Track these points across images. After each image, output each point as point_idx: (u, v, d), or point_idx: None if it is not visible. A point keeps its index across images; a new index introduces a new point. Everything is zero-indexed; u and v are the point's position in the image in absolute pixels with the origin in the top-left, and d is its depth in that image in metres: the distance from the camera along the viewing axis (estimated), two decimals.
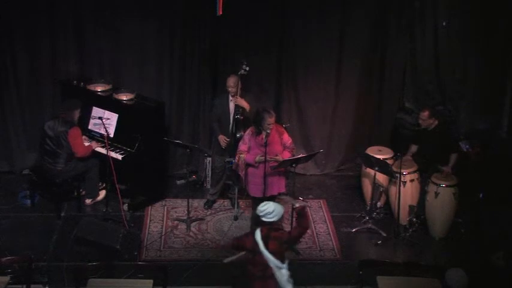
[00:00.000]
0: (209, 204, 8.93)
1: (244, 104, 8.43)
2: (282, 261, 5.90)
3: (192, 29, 9.18)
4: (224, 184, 8.92)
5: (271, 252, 5.85)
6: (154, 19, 9.15)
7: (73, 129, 8.35)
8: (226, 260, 6.27)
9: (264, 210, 5.95)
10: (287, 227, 8.32)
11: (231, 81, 8.40)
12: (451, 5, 9.39)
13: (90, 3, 9.07)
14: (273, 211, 5.94)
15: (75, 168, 8.48)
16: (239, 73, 8.37)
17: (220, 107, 8.59)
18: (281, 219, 6.11)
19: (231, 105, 8.50)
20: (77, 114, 8.46)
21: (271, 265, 5.86)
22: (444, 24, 9.43)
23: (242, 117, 8.44)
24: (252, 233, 5.98)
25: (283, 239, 5.95)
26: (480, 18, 9.26)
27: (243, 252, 6.11)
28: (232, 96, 8.47)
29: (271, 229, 5.95)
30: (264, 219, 5.96)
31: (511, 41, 9.29)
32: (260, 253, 5.86)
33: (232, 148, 8.33)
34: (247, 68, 8.35)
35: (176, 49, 9.29)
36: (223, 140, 8.50)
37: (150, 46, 9.27)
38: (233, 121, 8.46)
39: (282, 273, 5.91)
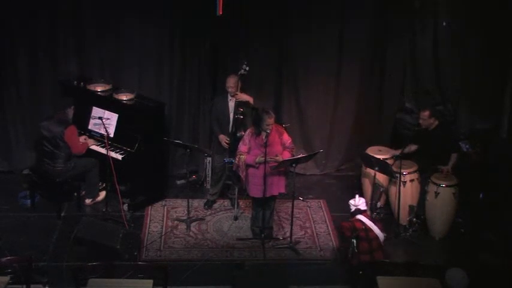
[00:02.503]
0: (209, 204, 8.93)
1: (246, 97, 8.44)
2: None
3: (192, 29, 9.18)
4: (224, 184, 8.92)
5: (380, 228, 7.60)
6: (155, 19, 9.15)
7: (69, 128, 8.34)
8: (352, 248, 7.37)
9: (358, 202, 7.67)
10: (287, 227, 8.35)
11: (231, 81, 8.40)
12: (451, 5, 9.39)
13: (90, 3, 9.07)
14: (362, 200, 7.71)
15: (75, 168, 8.48)
16: (239, 73, 8.37)
17: (219, 107, 8.59)
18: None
19: (230, 105, 8.51)
20: (70, 112, 8.46)
21: (381, 239, 7.56)
22: (444, 24, 9.43)
23: (242, 117, 8.44)
24: (356, 219, 7.54)
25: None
26: (480, 18, 9.26)
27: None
28: (231, 96, 8.47)
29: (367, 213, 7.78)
30: (362, 208, 7.65)
31: (511, 41, 9.29)
32: (370, 229, 7.46)
33: (232, 148, 8.33)
34: (247, 68, 8.35)
35: (176, 49, 9.30)
36: (224, 139, 8.50)
37: (150, 46, 9.28)
38: (233, 121, 8.47)
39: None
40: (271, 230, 8.26)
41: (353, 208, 7.70)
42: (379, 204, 8.76)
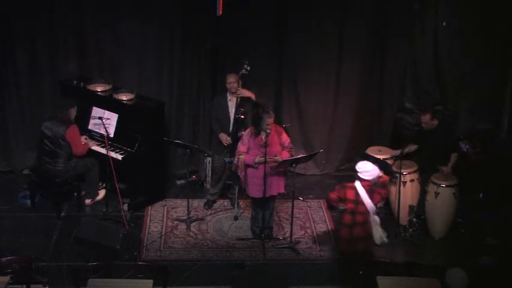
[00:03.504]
0: (209, 204, 8.93)
1: (248, 93, 8.46)
2: (377, 210, 7.15)
3: (192, 29, 9.19)
4: (224, 184, 8.92)
5: (374, 202, 6.94)
6: (155, 19, 9.15)
7: (71, 128, 8.35)
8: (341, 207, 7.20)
9: (362, 167, 6.98)
10: (287, 227, 8.35)
11: (232, 78, 8.41)
12: (451, 5, 9.40)
13: (90, 3, 9.07)
14: (370, 170, 6.96)
15: (75, 168, 8.48)
16: (240, 73, 8.37)
17: (218, 106, 8.60)
18: (376, 180, 7.06)
19: (230, 105, 8.52)
20: (73, 112, 8.46)
21: (371, 212, 6.96)
22: (444, 24, 9.43)
23: (243, 117, 8.44)
24: (352, 187, 6.98)
25: (382, 195, 7.10)
26: (480, 19, 9.27)
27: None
28: (232, 93, 8.47)
29: (375, 184, 7.01)
30: (360, 175, 6.97)
31: (511, 41, 9.30)
32: (362, 203, 6.88)
33: (232, 148, 8.33)
34: (249, 68, 8.35)
35: (176, 49, 9.30)
36: (225, 138, 8.50)
37: (150, 46, 9.28)
38: (234, 120, 8.48)
39: (376, 218, 7.11)
40: (271, 230, 8.26)
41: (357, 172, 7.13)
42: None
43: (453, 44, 9.50)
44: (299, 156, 8.06)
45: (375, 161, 8.28)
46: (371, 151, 8.74)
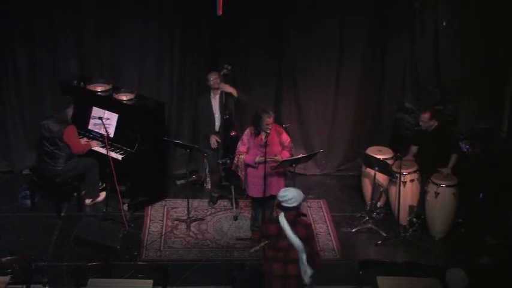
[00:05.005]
0: (214, 201, 8.95)
1: (229, 89, 8.54)
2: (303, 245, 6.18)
3: (192, 29, 9.19)
4: (221, 182, 8.94)
5: (299, 236, 6.11)
6: (155, 19, 9.16)
7: (68, 128, 8.34)
8: (252, 250, 6.43)
9: (284, 196, 6.17)
10: None
11: (213, 76, 8.55)
12: (451, 5, 9.39)
13: (90, 3, 9.07)
14: (292, 197, 6.14)
15: (75, 168, 8.48)
16: (222, 73, 8.49)
17: (204, 107, 8.71)
18: (301, 205, 6.32)
19: (214, 102, 8.60)
20: (70, 111, 8.46)
21: (297, 248, 6.11)
22: (444, 24, 9.43)
23: (228, 117, 8.54)
24: (276, 220, 6.24)
25: (306, 229, 6.22)
26: (480, 18, 9.26)
27: (266, 242, 6.28)
28: (215, 89, 8.57)
29: (298, 215, 6.23)
30: (284, 204, 6.16)
31: (511, 41, 9.29)
32: (285, 237, 6.12)
33: (225, 148, 8.44)
34: (230, 67, 8.48)
35: (176, 49, 9.31)
36: (214, 140, 8.58)
37: (150, 46, 9.28)
38: (221, 121, 8.55)
39: (303, 258, 6.19)
40: None
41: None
42: (379, 204, 8.77)
43: (453, 44, 9.50)
44: (299, 156, 8.06)
45: (375, 161, 8.33)
46: (371, 151, 8.74)
